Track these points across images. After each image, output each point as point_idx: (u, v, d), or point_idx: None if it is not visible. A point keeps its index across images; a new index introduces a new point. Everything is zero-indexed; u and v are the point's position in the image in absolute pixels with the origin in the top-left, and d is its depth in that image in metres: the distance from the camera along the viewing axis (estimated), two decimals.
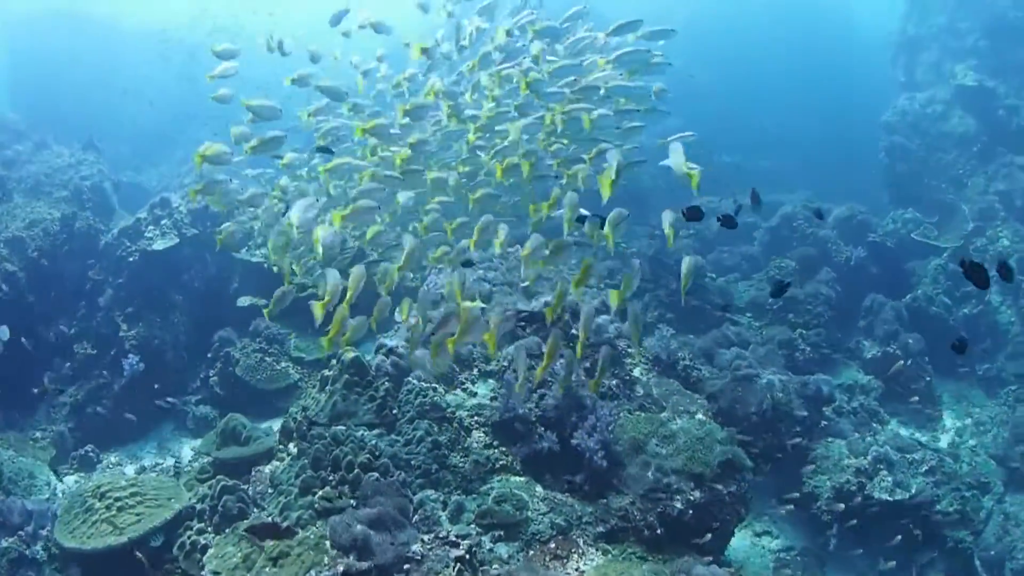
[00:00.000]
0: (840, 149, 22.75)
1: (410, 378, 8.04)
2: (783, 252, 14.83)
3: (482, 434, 7.86)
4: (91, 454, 10.90)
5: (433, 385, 7.98)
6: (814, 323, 13.33)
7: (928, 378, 13.20)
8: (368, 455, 7.31)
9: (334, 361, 8.47)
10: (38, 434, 11.27)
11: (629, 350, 9.04)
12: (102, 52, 32.71)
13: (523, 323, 8.35)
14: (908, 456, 10.99)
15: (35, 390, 11.30)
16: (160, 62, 27.20)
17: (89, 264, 13.06)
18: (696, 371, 9.80)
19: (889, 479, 10.29)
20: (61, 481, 10.23)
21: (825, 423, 11.43)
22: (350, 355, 8.13)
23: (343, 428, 7.66)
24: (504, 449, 7.75)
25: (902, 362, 12.76)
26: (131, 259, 12.52)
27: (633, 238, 13.85)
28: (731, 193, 16.31)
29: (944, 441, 12.60)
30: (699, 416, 8.74)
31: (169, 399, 11.31)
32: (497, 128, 8.63)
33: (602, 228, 6.56)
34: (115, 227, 13.23)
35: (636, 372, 9.01)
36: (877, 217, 16.55)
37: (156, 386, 11.54)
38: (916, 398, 12.65)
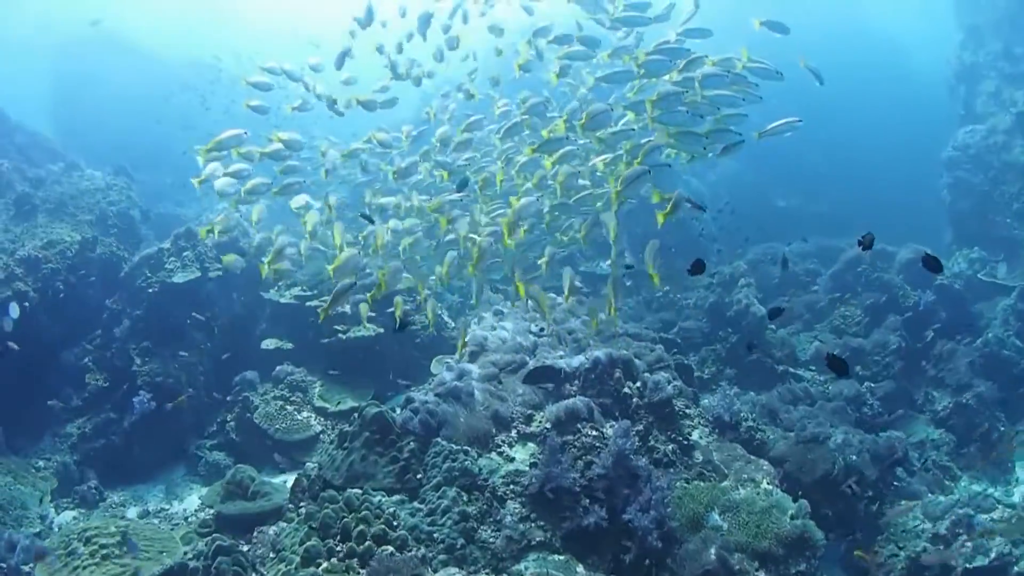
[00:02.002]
0: (899, 188, 21.70)
1: (439, 439, 7.08)
2: (847, 299, 13.77)
3: (518, 505, 6.87)
4: (94, 491, 10.28)
5: (464, 448, 7.01)
6: (883, 375, 12.23)
7: (1002, 427, 12.04)
8: (384, 525, 6.37)
9: (355, 415, 7.56)
10: (41, 463, 10.69)
11: (687, 410, 8.01)
12: (146, 80, 32.76)
13: (571, 381, 7.37)
14: (986, 516, 9.85)
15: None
16: (205, 94, 26.99)
17: (108, 292, 12.45)
18: (760, 432, 8.75)
19: (969, 545, 9.13)
20: (58, 515, 9.67)
21: (896, 484, 10.34)
22: (372, 410, 7.22)
23: (359, 492, 6.76)
24: (543, 523, 6.75)
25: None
26: (151, 290, 11.82)
27: (691, 288, 12.89)
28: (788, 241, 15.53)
29: (1018, 495, 11.39)
30: (764, 484, 7.74)
31: None
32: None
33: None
34: (136, 256, 12.55)
35: (695, 435, 7.99)
36: (942, 258, 15.38)
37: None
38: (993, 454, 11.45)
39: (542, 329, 8.31)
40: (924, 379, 13.19)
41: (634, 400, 7.47)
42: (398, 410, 7.70)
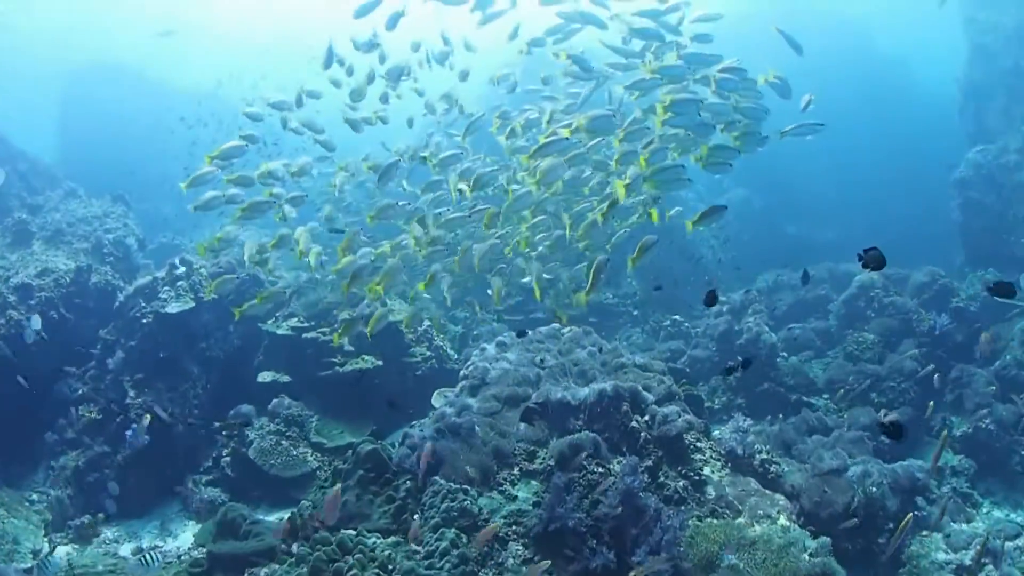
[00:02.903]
0: (907, 211, 21.44)
1: (437, 477, 6.72)
2: (860, 325, 13.40)
3: (520, 547, 6.49)
4: (88, 526, 9.94)
5: (464, 487, 6.65)
6: (900, 401, 11.82)
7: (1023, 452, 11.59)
8: (379, 569, 6.01)
9: (350, 452, 7.22)
10: (35, 496, 10.46)
11: (698, 444, 7.64)
12: (152, 111, 32.79)
13: (576, 415, 7.01)
14: (1012, 544, 9.49)
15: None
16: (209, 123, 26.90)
17: (103, 322, 12.18)
18: (774, 465, 8.35)
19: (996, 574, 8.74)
20: (52, 551, 9.34)
21: (917, 513, 9.93)
22: (367, 447, 6.87)
23: (352, 533, 6.41)
24: (547, 566, 6.36)
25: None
26: (145, 321, 11.53)
27: (700, 315, 12.60)
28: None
29: None
30: (781, 520, 7.36)
31: None
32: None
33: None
34: (131, 285, 12.30)
35: (707, 470, 7.59)
36: (955, 279, 15.22)
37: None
38: None
39: (543, 360, 7.95)
40: (941, 404, 12.82)
41: (643, 434, 7.10)
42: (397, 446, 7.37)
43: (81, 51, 33.89)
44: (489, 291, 7.80)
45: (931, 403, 11.11)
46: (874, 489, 8.73)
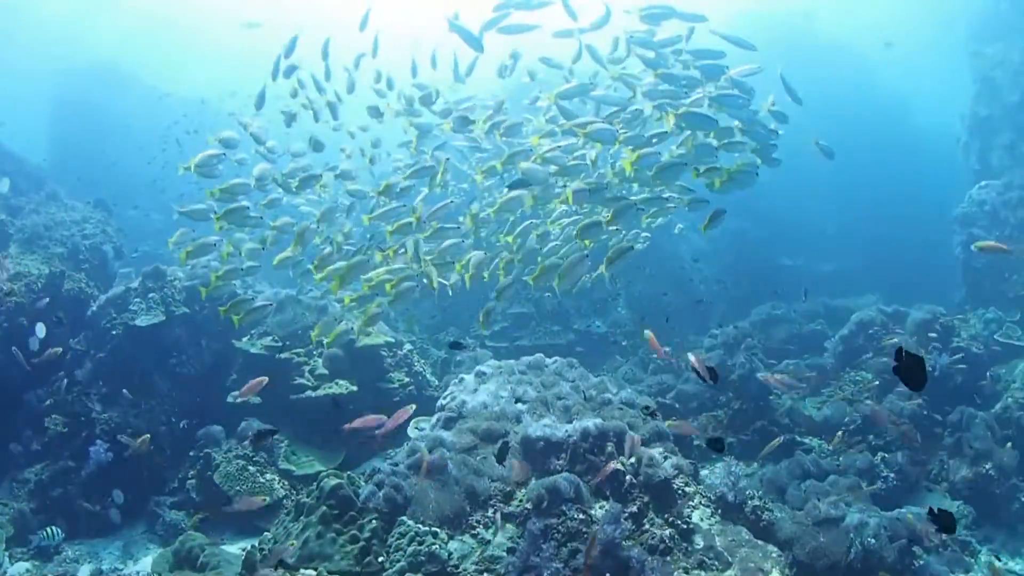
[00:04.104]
0: (905, 247, 21.13)
1: (405, 518, 6.24)
2: (857, 363, 12.97)
3: None
4: (49, 542, 9.48)
5: (433, 529, 6.16)
6: (897, 444, 11.35)
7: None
8: None
9: (314, 485, 6.73)
10: None
11: (687, 488, 7.16)
12: (143, 116, 32.43)
13: (556, 454, 6.54)
14: None
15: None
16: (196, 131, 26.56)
17: (75, 331, 11.72)
18: (767, 512, 7.89)
19: None
20: (12, 565, 9.12)
21: (915, 564, 9.47)
22: (331, 482, 6.39)
23: (312, 574, 5.90)
24: None
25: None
26: (114, 332, 11.09)
27: (696, 346, 12.18)
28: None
29: None
30: (774, 574, 6.86)
31: None
32: None
33: None
34: (104, 295, 11.85)
35: (695, 517, 7.12)
36: (954, 316, 14.69)
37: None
38: None
39: (524, 393, 7.48)
40: (940, 447, 12.39)
41: (628, 478, 6.64)
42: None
43: (76, 48, 33.48)
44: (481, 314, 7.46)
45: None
46: (872, 540, 8.27)
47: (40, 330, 10.28)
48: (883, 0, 33.03)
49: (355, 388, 9.52)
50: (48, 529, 9.48)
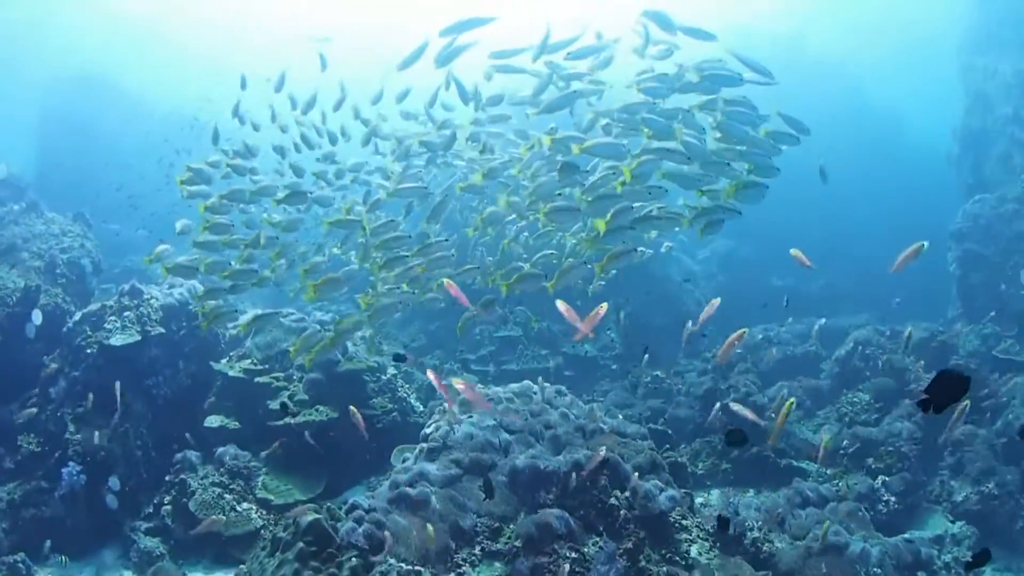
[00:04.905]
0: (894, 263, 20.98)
1: (387, 555, 5.88)
2: (854, 384, 12.70)
3: None
4: (21, 565, 9.09)
5: (416, 568, 5.81)
6: (898, 466, 11.07)
7: None
8: None
9: (291, 520, 6.37)
10: None
11: (684, 521, 6.84)
12: (132, 129, 32.03)
13: (546, 487, 6.20)
14: None
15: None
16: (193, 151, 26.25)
17: (51, 347, 11.27)
18: (767, 543, 7.58)
19: None
20: None
21: None
22: (310, 517, 6.03)
23: None
24: None
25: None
26: (89, 351, 10.70)
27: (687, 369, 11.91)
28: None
29: None
30: None
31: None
32: None
33: None
34: (80, 311, 11.47)
35: (693, 551, 6.78)
36: (948, 330, 14.74)
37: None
38: None
39: (505, 429, 7.14)
40: (941, 467, 12.13)
41: (622, 512, 6.31)
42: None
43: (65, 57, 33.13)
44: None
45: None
46: (878, 571, 8.00)
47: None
48: (872, 18, 33.11)
49: (335, 415, 9.14)
50: (18, 557, 9.17)
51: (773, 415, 11.45)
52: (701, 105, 7.29)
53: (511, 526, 6.13)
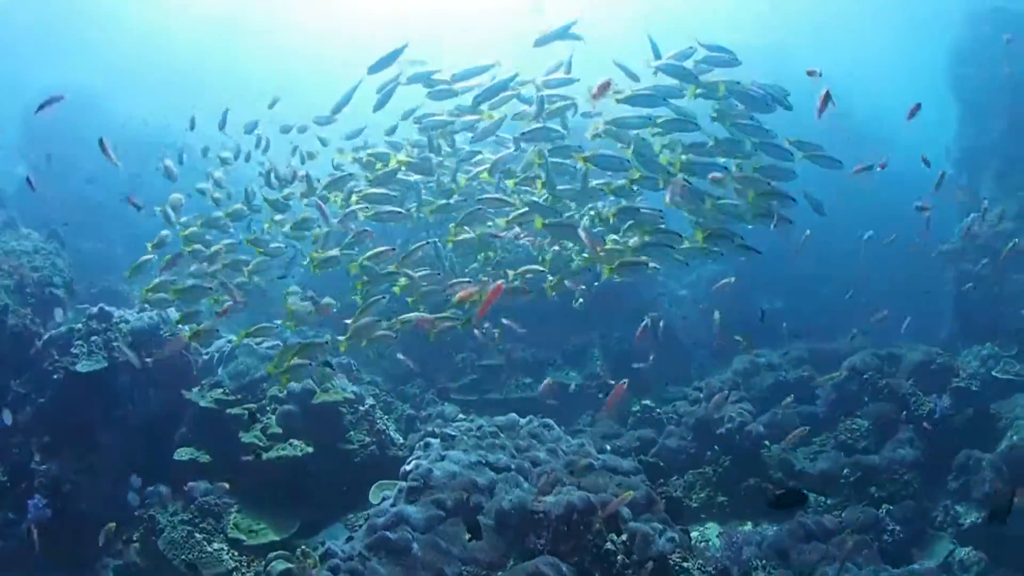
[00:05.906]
0: (890, 284, 20.67)
1: None
2: (852, 410, 12.35)
3: None
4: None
5: None
6: (902, 494, 10.81)
7: None
8: None
9: (263, 566, 5.92)
10: None
11: (684, 563, 6.41)
12: (123, 144, 31.58)
13: (536, 531, 5.77)
14: None
15: None
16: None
17: (18, 371, 10.90)
18: None
19: None
20: None
21: None
22: (280, 567, 5.57)
23: None
24: None
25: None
26: (55, 376, 10.30)
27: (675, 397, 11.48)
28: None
29: None
30: None
31: None
32: None
33: None
34: (47, 334, 11.03)
35: None
36: (948, 353, 14.18)
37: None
38: None
39: (491, 467, 6.73)
40: (945, 493, 11.77)
41: (619, 558, 5.87)
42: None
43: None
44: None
45: None
46: None
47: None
48: (857, 31, 33.19)
49: (311, 449, 8.67)
50: None
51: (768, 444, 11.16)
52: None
53: (499, 574, 5.68)
